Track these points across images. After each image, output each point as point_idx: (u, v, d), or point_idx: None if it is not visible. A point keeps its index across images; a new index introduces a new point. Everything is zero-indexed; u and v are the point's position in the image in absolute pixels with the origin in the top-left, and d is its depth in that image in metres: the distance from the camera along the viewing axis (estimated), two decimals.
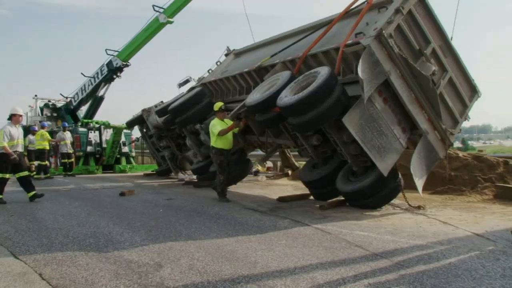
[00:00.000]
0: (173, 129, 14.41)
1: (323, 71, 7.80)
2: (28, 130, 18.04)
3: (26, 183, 10.06)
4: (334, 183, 8.63)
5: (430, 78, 7.69)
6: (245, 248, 5.31)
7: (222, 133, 9.50)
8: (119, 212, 8.15)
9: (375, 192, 7.97)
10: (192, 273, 4.31)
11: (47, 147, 16.51)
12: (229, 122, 9.87)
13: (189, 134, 13.30)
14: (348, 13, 9.16)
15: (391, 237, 5.69)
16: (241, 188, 12.16)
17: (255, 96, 9.05)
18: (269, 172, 17.67)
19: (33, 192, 9.99)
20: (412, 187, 8.04)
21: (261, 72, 10.60)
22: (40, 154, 16.44)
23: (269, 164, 18.65)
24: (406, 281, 3.94)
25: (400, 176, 8.16)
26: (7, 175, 9.82)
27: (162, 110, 13.59)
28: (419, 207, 7.91)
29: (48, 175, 16.60)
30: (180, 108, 12.24)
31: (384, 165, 7.59)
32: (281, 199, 9.34)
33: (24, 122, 23.67)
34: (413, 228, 6.29)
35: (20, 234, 6.34)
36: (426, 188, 8.53)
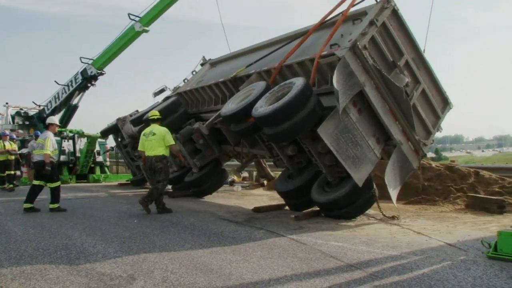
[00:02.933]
0: None
1: (298, 82, 7.84)
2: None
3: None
4: (309, 194, 8.66)
5: (404, 89, 7.81)
6: (220, 259, 5.27)
7: (175, 150, 9.73)
8: (92, 223, 8.01)
9: (350, 202, 8.02)
10: (166, 286, 4.25)
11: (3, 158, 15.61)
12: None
13: None
14: (323, 25, 9.25)
15: (366, 248, 5.72)
16: (217, 198, 12.11)
17: (231, 106, 9.05)
18: (245, 182, 17.65)
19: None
20: (387, 197, 8.13)
21: (236, 82, 10.62)
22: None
23: (244, 174, 18.63)
24: None
25: (374, 186, 8.22)
26: None
27: (137, 120, 13.46)
28: (393, 217, 7.99)
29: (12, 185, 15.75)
30: None
31: (358, 176, 7.65)
32: (257, 210, 9.31)
33: None
34: (388, 238, 6.34)
35: None
36: (400, 198, 8.63)
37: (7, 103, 23.85)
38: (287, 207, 9.64)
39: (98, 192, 14.36)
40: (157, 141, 9.32)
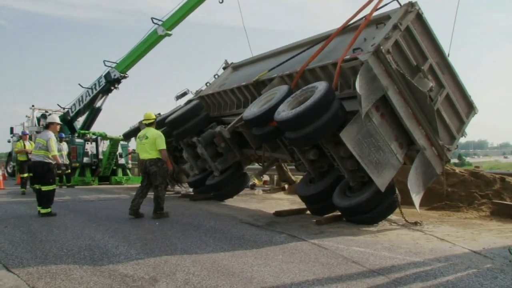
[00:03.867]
0: (170, 142, 14.36)
1: (321, 86, 7.83)
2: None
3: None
4: (330, 198, 8.61)
5: (427, 94, 7.72)
6: (241, 263, 5.27)
7: (165, 155, 9.27)
8: (115, 225, 8.09)
9: (372, 207, 7.95)
10: None
11: (24, 158, 15.19)
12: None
13: (186, 147, 13.26)
14: (346, 29, 9.23)
15: (388, 254, 5.66)
16: (238, 201, 12.12)
17: (253, 110, 9.06)
18: (266, 186, 17.64)
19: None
20: (409, 202, 8.02)
21: (258, 86, 10.64)
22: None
23: (265, 177, 18.64)
24: None
25: (397, 191, 8.14)
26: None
27: (160, 123, 13.53)
28: (416, 223, 7.89)
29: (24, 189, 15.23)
30: (177, 121, 12.26)
31: (381, 181, 7.58)
32: (278, 214, 9.30)
33: (20, 132, 23.71)
34: (410, 244, 6.27)
35: (14, 246, 6.27)
36: (423, 204, 8.53)
37: (33, 106, 24.37)
38: (308, 212, 9.60)
39: (120, 194, 14.51)
40: (149, 145, 9.18)
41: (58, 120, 10.06)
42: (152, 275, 4.73)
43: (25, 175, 15.09)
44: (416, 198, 7.90)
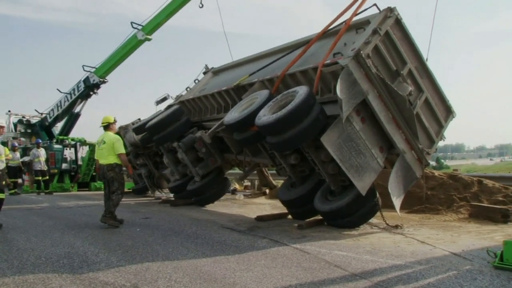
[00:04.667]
0: (150, 147, 14.29)
1: (301, 91, 7.85)
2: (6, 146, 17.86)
3: None
4: (312, 202, 8.63)
5: (407, 98, 7.80)
6: (224, 268, 5.24)
7: (124, 159, 9.02)
8: (95, 232, 7.99)
9: (353, 211, 7.98)
10: None
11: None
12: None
13: (167, 152, 13.18)
14: (326, 33, 9.28)
15: (370, 257, 5.68)
16: (219, 207, 12.09)
17: (234, 114, 9.04)
18: (247, 190, 17.62)
19: None
20: (390, 206, 8.08)
21: (239, 91, 10.64)
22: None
23: (246, 182, 18.64)
24: None
25: (378, 195, 8.19)
26: None
27: (140, 128, 13.48)
28: (396, 226, 7.94)
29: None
30: (157, 126, 12.17)
31: (362, 184, 7.62)
32: (259, 218, 9.27)
33: None
34: (392, 247, 6.30)
35: None
36: (403, 207, 8.58)
37: (9, 111, 24.00)
38: (290, 216, 9.61)
39: (99, 200, 14.14)
40: (107, 150, 8.87)
41: (2, 123, 9.34)
42: (134, 283, 4.67)
43: None
44: (397, 202, 7.96)
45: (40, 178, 17.47)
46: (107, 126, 9.21)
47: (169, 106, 13.66)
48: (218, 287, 4.48)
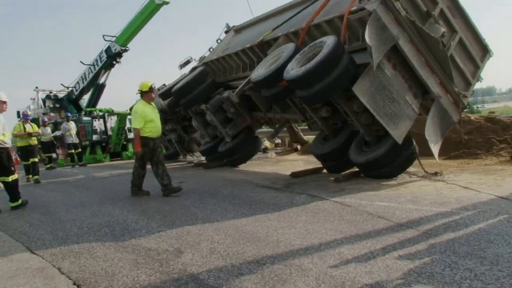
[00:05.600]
0: (178, 112, 14.21)
1: (329, 41, 7.57)
2: (35, 123, 18.25)
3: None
4: (346, 155, 8.48)
5: (440, 40, 7.43)
6: (265, 227, 5.18)
7: (134, 134, 8.19)
8: (132, 199, 8.04)
9: (390, 161, 7.80)
10: (214, 257, 4.18)
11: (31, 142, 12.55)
12: (153, 108, 8.45)
13: (195, 115, 13.11)
14: None
15: (413, 206, 5.53)
16: (252, 166, 12.04)
17: (260, 71, 8.84)
18: (278, 148, 17.52)
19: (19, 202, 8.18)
20: (426, 154, 7.85)
21: (263, 47, 10.37)
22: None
23: (277, 140, 18.53)
24: (437, 250, 3.79)
25: (414, 143, 7.97)
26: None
27: (166, 93, 13.40)
28: (436, 174, 7.75)
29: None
30: (183, 89, 12.05)
31: (397, 133, 7.41)
32: (294, 175, 9.18)
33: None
34: (434, 195, 6.13)
35: (35, 228, 6.23)
36: (440, 153, 8.32)
37: (37, 87, 24.24)
38: (324, 170, 9.49)
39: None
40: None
41: (4, 97, 8.10)
42: (176, 247, 4.65)
43: (28, 162, 12.71)
44: (435, 148, 7.72)
45: (73, 151, 17.68)
46: (141, 95, 8.46)
47: (193, 69, 13.47)
48: (262, 246, 4.41)
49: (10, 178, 8.05)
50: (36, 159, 12.77)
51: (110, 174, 13.16)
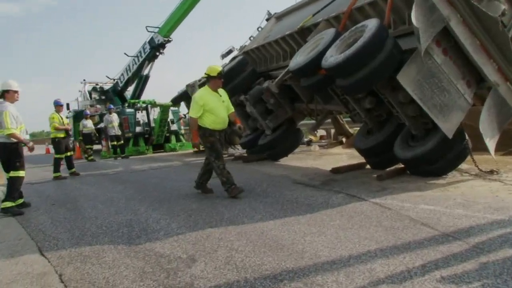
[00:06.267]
0: None
1: (371, 24, 6.90)
2: (81, 115, 18.45)
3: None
4: (392, 150, 7.78)
5: (499, 19, 6.55)
6: (293, 232, 4.63)
7: (190, 123, 7.59)
8: (161, 195, 7.66)
9: (439, 157, 7.04)
10: (228, 269, 3.69)
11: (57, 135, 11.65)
12: (223, 94, 7.41)
13: (235, 107, 12.54)
14: None
15: (463, 211, 4.84)
16: (293, 160, 11.48)
17: (299, 59, 8.27)
18: (323, 141, 16.86)
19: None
20: (481, 148, 7.02)
21: (304, 34, 9.79)
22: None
23: (322, 132, 17.89)
24: (490, 272, 3.13)
25: (467, 137, 7.19)
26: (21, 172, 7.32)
27: (203, 84, 12.99)
28: (492, 172, 6.96)
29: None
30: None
31: (448, 126, 6.65)
32: (335, 171, 8.56)
33: (76, 107, 24.05)
34: (489, 198, 5.38)
35: (55, 226, 5.96)
36: (498, 149, 7.45)
37: (84, 80, 24.57)
38: (368, 166, 8.82)
39: (173, 162, 14.21)
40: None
41: (15, 87, 7.40)
42: (191, 254, 4.19)
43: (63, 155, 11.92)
44: (491, 143, 6.89)
45: (115, 142, 17.66)
46: (207, 79, 7.38)
47: (234, 58, 13.02)
48: (283, 256, 3.88)
49: (12, 174, 7.19)
50: (69, 153, 12.05)
51: (149, 167, 12.92)
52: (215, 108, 7.09)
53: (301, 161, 11.22)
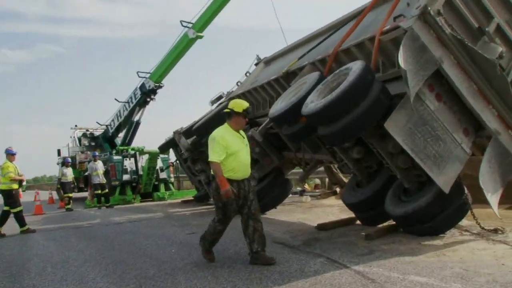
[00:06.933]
0: (202, 152, 13.08)
1: (355, 66, 6.23)
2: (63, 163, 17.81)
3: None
4: (383, 204, 6.97)
5: (497, 62, 5.89)
6: None
7: (213, 169, 5.56)
8: (123, 256, 6.81)
9: (435, 214, 6.23)
10: None
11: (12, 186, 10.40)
12: (244, 136, 5.86)
13: None
14: None
15: (461, 286, 3.97)
16: (281, 212, 10.66)
17: (279, 105, 7.64)
18: (317, 190, 16.00)
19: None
20: (482, 200, 6.19)
21: (289, 78, 9.13)
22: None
23: (317, 181, 17.11)
24: None
25: (466, 191, 6.38)
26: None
27: (188, 131, 12.36)
28: (496, 231, 6.13)
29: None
30: (204, 127, 10.95)
31: (444, 179, 5.87)
32: (321, 227, 7.73)
33: (66, 153, 23.44)
34: (493, 267, 4.51)
35: None
36: (502, 202, 6.61)
37: (76, 126, 24.07)
38: (358, 221, 7.98)
39: (155, 213, 13.38)
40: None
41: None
42: None
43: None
44: (493, 198, 6.08)
45: (99, 191, 16.84)
46: (228, 115, 5.78)
47: (219, 105, 12.39)
48: None
49: None
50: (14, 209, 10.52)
51: (128, 219, 12.05)
52: (239, 152, 5.56)
53: (289, 214, 10.38)
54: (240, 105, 5.76)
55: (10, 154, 10.55)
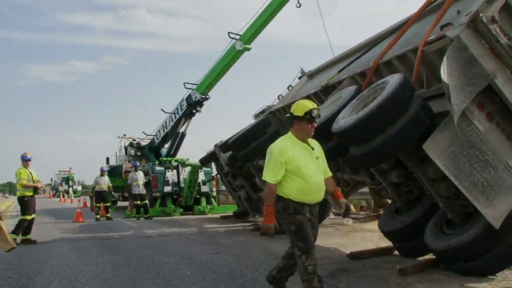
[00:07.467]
0: (240, 167, 12.58)
1: (392, 80, 5.56)
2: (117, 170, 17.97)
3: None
4: (423, 234, 6.20)
5: None
6: None
7: (265, 190, 4.51)
8: (134, 275, 6.38)
9: (483, 251, 5.38)
10: None
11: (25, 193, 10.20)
12: (316, 147, 4.68)
13: (257, 172, 11.33)
14: (431, 6, 6.83)
15: None
16: (317, 235, 9.90)
17: None
18: (361, 213, 15.12)
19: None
20: None
21: (328, 92, 8.52)
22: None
23: (362, 203, 16.24)
24: None
25: None
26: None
27: (224, 145, 11.90)
28: None
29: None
30: (240, 141, 10.42)
31: (493, 212, 5.06)
32: (354, 256, 7.02)
33: (114, 162, 23.68)
34: None
35: None
36: None
37: (124, 135, 24.24)
38: (396, 252, 7.21)
39: (189, 227, 12.96)
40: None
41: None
42: None
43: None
44: None
45: (139, 202, 16.66)
46: (290, 121, 4.65)
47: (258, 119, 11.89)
48: None
49: None
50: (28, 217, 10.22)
51: (160, 233, 11.70)
52: (305, 168, 4.40)
53: (325, 237, 9.65)
54: (301, 107, 4.51)
55: (24, 160, 10.37)
